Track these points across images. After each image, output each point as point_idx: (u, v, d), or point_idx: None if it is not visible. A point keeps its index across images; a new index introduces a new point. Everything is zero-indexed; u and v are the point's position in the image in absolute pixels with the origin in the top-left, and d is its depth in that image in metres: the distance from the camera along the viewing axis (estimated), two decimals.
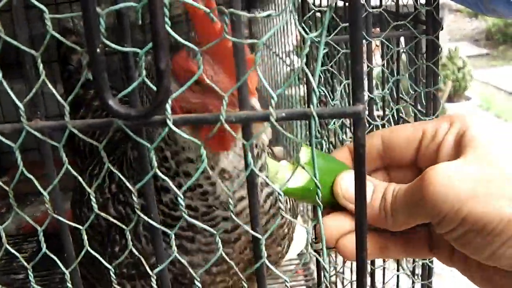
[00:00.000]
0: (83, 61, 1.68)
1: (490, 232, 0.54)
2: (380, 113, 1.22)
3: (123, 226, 0.55)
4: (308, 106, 0.46)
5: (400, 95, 1.06)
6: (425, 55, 0.96)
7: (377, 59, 1.12)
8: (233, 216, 0.50)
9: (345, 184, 0.63)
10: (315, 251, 0.97)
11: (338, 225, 0.63)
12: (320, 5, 1.59)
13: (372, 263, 1.16)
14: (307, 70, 0.44)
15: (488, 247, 0.55)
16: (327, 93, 0.92)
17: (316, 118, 0.45)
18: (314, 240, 0.88)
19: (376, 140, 0.66)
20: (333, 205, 0.64)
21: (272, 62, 2.39)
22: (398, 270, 1.23)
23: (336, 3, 0.44)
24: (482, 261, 0.58)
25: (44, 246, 0.54)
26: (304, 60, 0.44)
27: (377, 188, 0.63)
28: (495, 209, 0.54)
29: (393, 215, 0.61)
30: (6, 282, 1.77)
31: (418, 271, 1.18)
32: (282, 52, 2.20)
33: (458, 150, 0.60)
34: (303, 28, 0.78)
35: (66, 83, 1.71)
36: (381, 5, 1.06)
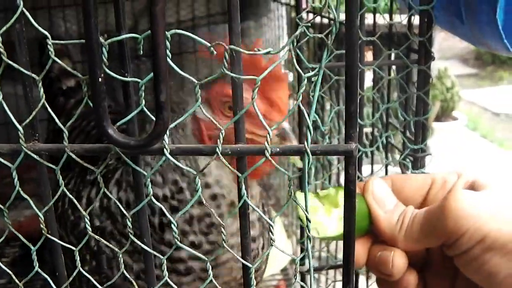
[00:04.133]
0: (83, 88, 1.67)
1: (510, 251, 0.57)
2: (368, 129, 1.23)
3: (112, 246, 0.55)
4: (300, 142, 0.47)
5: (389, 120, 1.08)
6: (416, 83, 0.98)
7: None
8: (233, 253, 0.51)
9: (376, 185, 0.69)
10: (300, 273, 0.98)
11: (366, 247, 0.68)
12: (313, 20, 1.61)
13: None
14: (303, 109, 0.46)
15: (505, 267, 0.58)
16: (316, 115, 0.94)
17: (310, 155, 0.46)
18: (299, 261, 0.89)
19: (387, 183, 0.72)
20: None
21: None
22: None
23: (332, 36, 0.45)
24: (494, 287, 0.60)
25: (37, 265, 0.55)
26: (300, 98, 0.46)
27: (399, 204, 0.68)
28: None
29: (407, 230, 0.65)
30: None
31: None
32: None
33: None
34: (297, 58, 0.80)
35: (47, 90, 1.70)
36: (374, 28, 1.08)
